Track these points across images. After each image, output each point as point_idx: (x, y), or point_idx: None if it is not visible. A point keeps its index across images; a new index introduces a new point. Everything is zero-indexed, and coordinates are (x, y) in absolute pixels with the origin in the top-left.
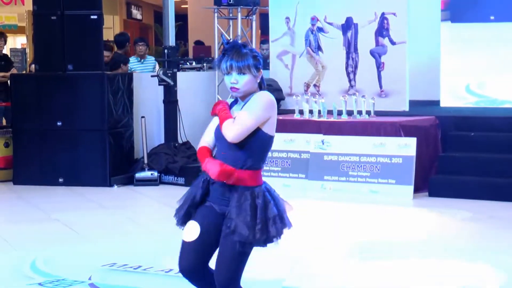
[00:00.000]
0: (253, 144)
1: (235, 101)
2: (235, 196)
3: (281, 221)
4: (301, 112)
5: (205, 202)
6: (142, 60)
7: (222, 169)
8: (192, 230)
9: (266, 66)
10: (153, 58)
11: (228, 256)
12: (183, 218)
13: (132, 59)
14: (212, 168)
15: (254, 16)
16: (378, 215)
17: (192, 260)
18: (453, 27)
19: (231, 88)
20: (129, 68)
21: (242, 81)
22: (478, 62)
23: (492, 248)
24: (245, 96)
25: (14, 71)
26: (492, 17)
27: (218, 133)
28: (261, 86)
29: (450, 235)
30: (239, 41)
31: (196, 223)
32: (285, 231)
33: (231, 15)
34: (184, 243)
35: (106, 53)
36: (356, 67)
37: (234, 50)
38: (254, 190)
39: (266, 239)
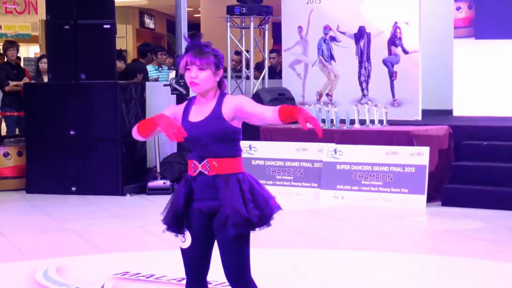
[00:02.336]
0: (229, 139)
1: (191, 102)
2: (221, 184)
3: (269, 204)
4: None
5: (191, 203)
6: (159, 69)
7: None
8: (185, 237)
9: (273, 74)
10: (166, 68)
11: (229, 247)
12: (170, 222)
13: (150, 68)
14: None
15: (266, 25)
16: (390, 225)
17: (191, 266)
18: (477, 43)
19: (190, 83)
20: (149, 76)
21: (202, 76)
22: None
23: (505, 258)
24: (205, 93)
25: (26, 80)
26: None
27: (191, 132)
28: (220, 85)
29: (462, 244)
30: (201, 41)
31: (187, 231)
32: (275, 214)
33: (243, 24)
34: (181, 250)
35: (118, 64)
36: (368, 76)
37: (195, 48)
38: (238, 176)
39: (260, 217)
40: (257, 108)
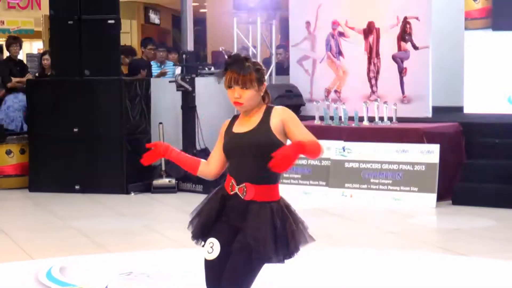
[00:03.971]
0: (268, 152)
1: (237, 116)
2: (253, 212)
3: (300, 236)
4: (321, 118)
5: (221, 216)
6: (162, 66)
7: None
8: (213, 249)
9: (281, 71)
10: (172, 64)
11: (239, 271)
12: (198, 232)
13: (153, 64)
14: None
15: (274, 20)
16: (399, 224)
17: (217, 279)
18: (491, 36)
19: (235, 103)
20: (152, 73)
21: (245, 95)
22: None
23: None
24: (249, 111)
25: (29, 76)
26: None
27: (228, 149)
28: (264, 99)
29: (474, 243)
30: (242, 55)
31: (216, 240)
32: (304, 246)
33: (250, 19)
34: (206, 262)
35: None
36: (378, 72)
37: (236, 64)
38: (272, 205)
39: (284, 255)
40: (301, 133)
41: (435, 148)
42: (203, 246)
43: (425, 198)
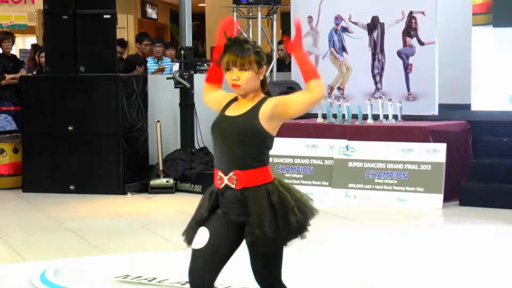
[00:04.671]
0: (255, 142)
1: (235, 99)
2: (250, 198)
3: (302, 211)
4: (324, 116)
5: (216, 210)
6: (159, 62)
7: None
8: (201, 237)
9: (282, 67)
10: (169, 60)
11: (261, 262)
12: (191, 233)
13: (149, 60)
14: None
15: (275, 15)
16: (405, 226)
17: (201, 268)
18: (496, 32)
19: (232, 85)
20: (148, 69)
21: (244, 77)
22: None
23: None
24: (247, 94)
25: (23, 72)
26: None
27: (214, 129)
28: (263, 85)
29: (482, 246)
30: (241, 37)
31: (206, 229)
32: (310, 220)
33: (250, 14)
34: (193, 251)
35: (119, 49)
36: (382, 68)
37: (235, 45)
38: (267, 187)
39: (291, 234)
40: (292, 98)
41: (442, 147)
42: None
43: (431, 199)
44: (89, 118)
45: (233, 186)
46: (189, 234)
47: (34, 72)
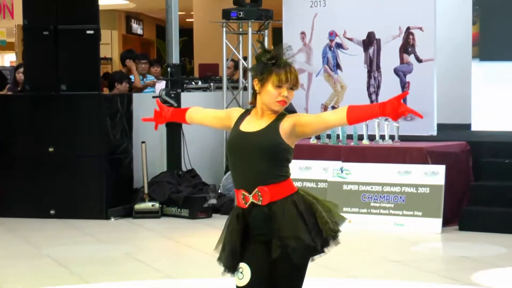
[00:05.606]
0: (278, 157)
1: (247, 112)
2: (278, 212)
3: (330, 217)
4: (318, 137)
5: (247, 236)
6: (144, 79)
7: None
8: (243, 274)
9: None
10: (153, 77)
11: (290, 278)
12: (229, 262)
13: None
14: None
15: (266, 31)
16: (402, 252)
17: None
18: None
19: (281, 101)
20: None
21: (291, 96)
22: None
23: None
24: (261, 109)
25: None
26: None
27: (233, 147)
28: None
29: (483, 273)
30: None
31: (245, 264)
32: (340, 226)
33: (241, 29)
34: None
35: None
36: (378, 87)
37: (286, 63)
38: (293, 198)
39: (322, 243)
40: (316, 115)
41: (441, 169)
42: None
43: (430, 223)
44: (71, 139)
45: (259, 203)
46: (227, 262)
47: (9, 92)
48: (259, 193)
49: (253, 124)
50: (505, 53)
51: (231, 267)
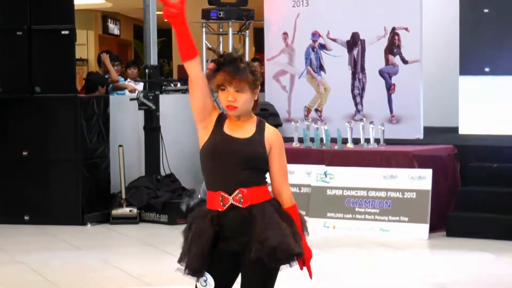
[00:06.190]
0: (260, 166)
1: (222, 116)
2: (258, 216)
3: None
4: (300, 140)
5: (219, 242)
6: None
7: None
8: (208, 283)
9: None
10: (128, 81)
11: (263, 282)
12: (198, 266)
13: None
14: None
15: (247, 31)
16: (388, 258)
17: None
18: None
19: (228, 106)
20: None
21: (241, 99)
22: None
23: None
24: (241, 116)
25: None
26: None
27: (218, 150)
28: (255, 106)
29: (470, 281)
30: (236, 54)
31: (211, 278)
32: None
33: (221, 30)
34: None
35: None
36: (363, 89)
37: (231, 64)
38: (272, 202)
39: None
40: (279, 167)
41: (427, 174)
42: (197, 281)
43: (416, 229)
44: (45, 142)
45: (239, 205)
46: (193, 264)
47: None
48: (240, 195)
49: (237, 130)
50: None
51: (196, 271)
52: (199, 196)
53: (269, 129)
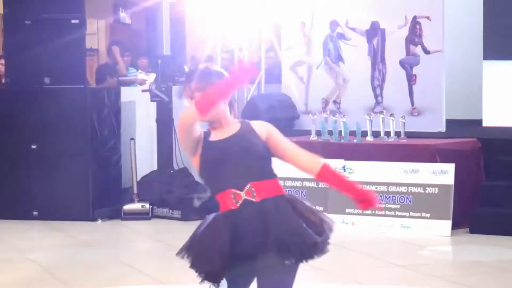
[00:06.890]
0: (263, 155)
1: (207, 132)
2: (272, 210)
3: (324, 217)
4: (318, 133)
5: (235, 246)
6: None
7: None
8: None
9: (271, 78)
10: (135, 71)
11: (279, 277)
12: (212, 273)
13: (131, 69)
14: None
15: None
16: (409, 256)
17: None
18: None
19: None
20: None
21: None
22: None
23: None
24: (218, 123)
25: None
26: None
27: (216, 158)
28: (232, 108)
29: (494, 278)
30: (204, 65)
31: (223, 280)
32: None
33: None
34: None
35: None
36: (383, 80)
37: (197, 73)
38: (285, 197)
39: (321, 244)
40: (290, 146)
41: (450, 168)
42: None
43: (439, 226)
44: (55, 135)
45: (253, 199)
46: (210, 268)
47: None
48: (252, 188)
49: (222, 133)
50: None
51: (216, 275)
52: None
53: (255, 122)
